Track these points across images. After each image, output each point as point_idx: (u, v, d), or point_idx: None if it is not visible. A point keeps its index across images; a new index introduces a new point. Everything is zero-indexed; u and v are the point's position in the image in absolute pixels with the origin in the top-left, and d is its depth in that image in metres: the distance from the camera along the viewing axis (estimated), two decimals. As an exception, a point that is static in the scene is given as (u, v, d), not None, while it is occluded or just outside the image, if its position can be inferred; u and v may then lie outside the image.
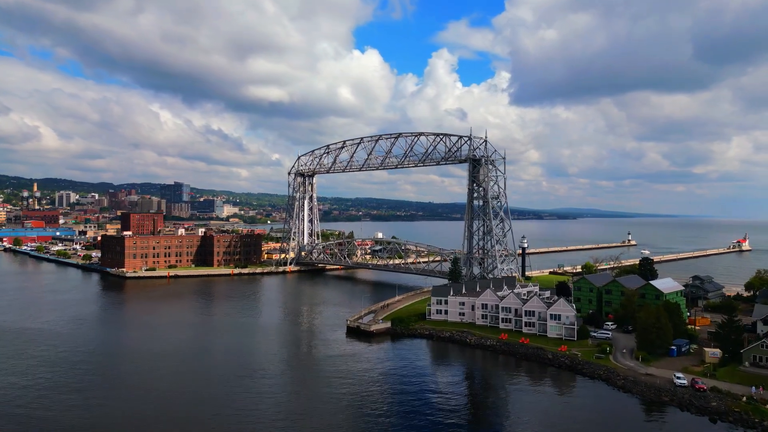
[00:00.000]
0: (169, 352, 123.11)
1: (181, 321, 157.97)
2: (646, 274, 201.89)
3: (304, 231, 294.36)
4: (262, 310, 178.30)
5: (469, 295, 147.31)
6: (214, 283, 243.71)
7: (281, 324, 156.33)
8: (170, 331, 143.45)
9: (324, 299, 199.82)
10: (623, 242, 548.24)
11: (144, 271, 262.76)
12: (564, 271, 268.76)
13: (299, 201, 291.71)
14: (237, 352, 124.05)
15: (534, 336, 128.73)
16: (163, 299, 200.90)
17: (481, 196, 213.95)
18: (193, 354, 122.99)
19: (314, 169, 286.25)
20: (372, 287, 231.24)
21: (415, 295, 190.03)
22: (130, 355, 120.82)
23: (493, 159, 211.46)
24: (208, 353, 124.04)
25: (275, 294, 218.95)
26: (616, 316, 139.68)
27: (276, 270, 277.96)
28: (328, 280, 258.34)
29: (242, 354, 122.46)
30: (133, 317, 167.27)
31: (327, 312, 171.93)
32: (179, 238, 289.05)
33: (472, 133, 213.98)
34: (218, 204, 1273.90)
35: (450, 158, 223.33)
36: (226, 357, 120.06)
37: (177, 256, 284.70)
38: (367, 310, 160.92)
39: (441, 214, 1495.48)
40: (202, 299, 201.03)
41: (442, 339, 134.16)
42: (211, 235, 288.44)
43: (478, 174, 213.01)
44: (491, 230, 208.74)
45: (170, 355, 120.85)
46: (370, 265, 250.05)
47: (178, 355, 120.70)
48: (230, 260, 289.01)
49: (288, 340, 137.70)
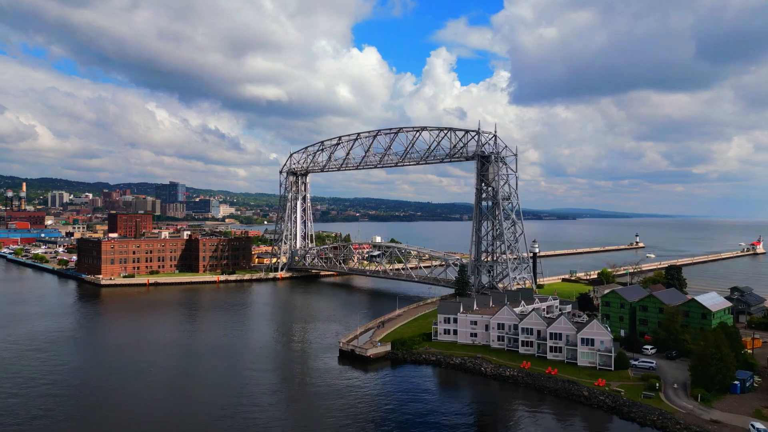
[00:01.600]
0: (135, 385, 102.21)
1: (154, 341, 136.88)
2: (675, 284, 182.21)
3: (297, 234, 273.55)
4: (247, 327, 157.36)
5: (482, 312, 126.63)
6: (197, 292, 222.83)
7: (266, 346, 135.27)
8: (139, 355, 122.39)
9: (316, 312, 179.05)
10: (631, 244, 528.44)
11: (122, 277, 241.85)
12: (577, 278, 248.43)
13: (291, 202, 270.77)
14: (216, 385, 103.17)
15: (561, 364, 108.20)
16: (138, 312, 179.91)
17: (490, 197, 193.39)
18: (166, 386, 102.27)
19: (308, 167, 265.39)
20: (369, 297, 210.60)
21: (418, 308, 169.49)
22: (87, 388, 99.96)
23: (503, 156, 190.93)
24: (182, 388, 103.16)
25: (263, 306, 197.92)
26: (655, 338, 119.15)
27: (266, 276, 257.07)
28: (322, 288, 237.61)
29: (222, 388, 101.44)
30: (98, 337, 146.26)
31: (319, 329, 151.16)
32: (162, 242, 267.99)
33: (480, 127, 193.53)
34: (214, 204, 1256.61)
35: (455, 155, 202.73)
36: (203, 391, 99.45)
37: (160, 261, 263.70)
38: (364, 328, 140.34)
39: (440, 215, 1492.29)
40: (182, 312, 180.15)
41: (451, 366, 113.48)
42: (197, 239, 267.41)
43: (487, 172, 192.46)
44: (502, 234, 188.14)
45: (137, 389, 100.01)
46: (367, 272, 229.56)
47: (148, 390, 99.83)
48: (217, 265, 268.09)
49: (274, 367, 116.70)
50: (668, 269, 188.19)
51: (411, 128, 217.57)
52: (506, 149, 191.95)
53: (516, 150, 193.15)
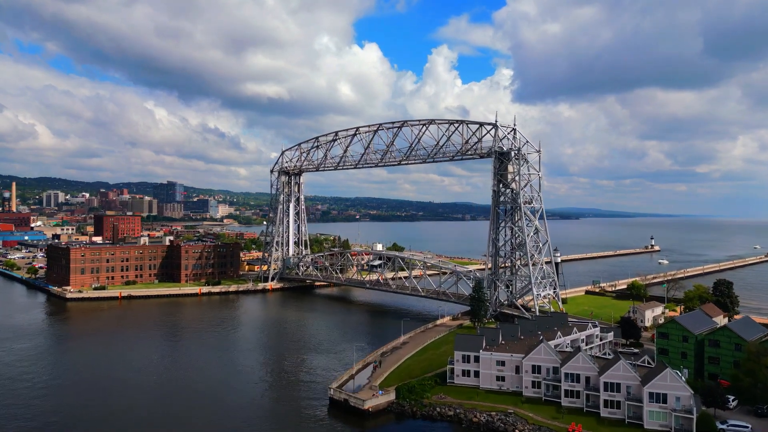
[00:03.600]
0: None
1: (108, 379, 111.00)
2: (726, 302, 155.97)
3: (290, 239, 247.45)
4: (223, 360, 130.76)
5: (511, 349, 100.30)
6: (175, 307, 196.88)
7: (242, 391, 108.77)
8: (88, 399, 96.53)
9: (307, 337, 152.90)
10: (646, 247, 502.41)
11: (92, 289, 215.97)
12: (602, 289, 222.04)
13: (284, 204, 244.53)
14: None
15: (621, 425, 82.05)
16: (101, 336, 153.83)
17: (509, 200, 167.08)
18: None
19: (301, 165, 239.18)
20: (369, 316, 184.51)
21: (426, 332, 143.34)
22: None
23: (524, 152, 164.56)
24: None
25: (246, 327, 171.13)
26: (735, 385, 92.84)
27: (254, 288, 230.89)
28: (317, 302, 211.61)
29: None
30: (46, 369, 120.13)
31: (308, 363, 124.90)
32: (140, 249, 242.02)
33: (498, 120, 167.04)
34: (212, 204, 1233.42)
35: (468, 152, 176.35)
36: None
37: (137, 270, 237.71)
38: (361, 363, 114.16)
39: (442, 214, 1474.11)
40: (150, 336, 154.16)
41: (475, 426, 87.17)
42: (178, 245, 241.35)
43: (506, 171, 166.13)
44: (523, 243, 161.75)
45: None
46: (367, 285, 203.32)
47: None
48: (201, 274, 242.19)
49: (245, 425, 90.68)
50: (716, 285, 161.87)
51: (416, 122, 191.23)
52: (528, 145, 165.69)
53: (539, 146, 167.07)
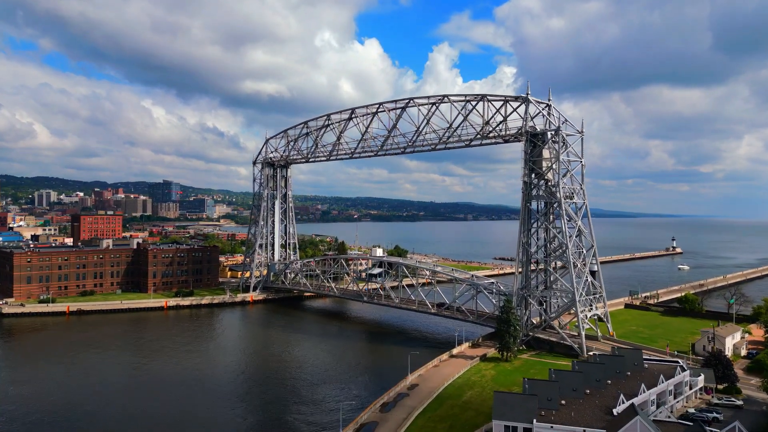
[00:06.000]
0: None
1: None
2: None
3: (276, 242, 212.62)
4: (180, 407, 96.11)
5: (581, 418, 65.10)
6: (133, 324, 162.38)
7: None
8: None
9: (286, 376, 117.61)
10: (667, 249, 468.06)
11: (37, 302, 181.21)
12: (644, 301, 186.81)
13: (267, 201, 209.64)
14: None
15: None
16: (30, 366, 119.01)
17: (544, 194, 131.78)
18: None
19: (288, 156, 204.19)
20: (367, 340, 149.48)
21: (441, 366, 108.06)
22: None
23: (564, 134, 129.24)
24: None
25: (219, 353, 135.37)
26: None
27: (232, 299, 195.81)
28: (305, 319, 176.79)
29: None
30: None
31: (283, 420, 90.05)
32: (100, 253, 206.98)
33: (530, 92, 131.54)
34: (209, 204, 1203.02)
35: (491, 134, 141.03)
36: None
37: (96, 279, 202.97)
38: (366, 414, 79.11)
39: (443, 214, 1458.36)
40: (92, 366, 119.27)
41: None
42: (145, 249, 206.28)
43: (540, 158, 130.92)
44: (564, 249, 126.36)
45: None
46: (365, 298, 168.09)
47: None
48: (173, 283, 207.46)
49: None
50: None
51: (424, 99, 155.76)
52: (567, 124, 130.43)
53: (582, 126, 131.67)
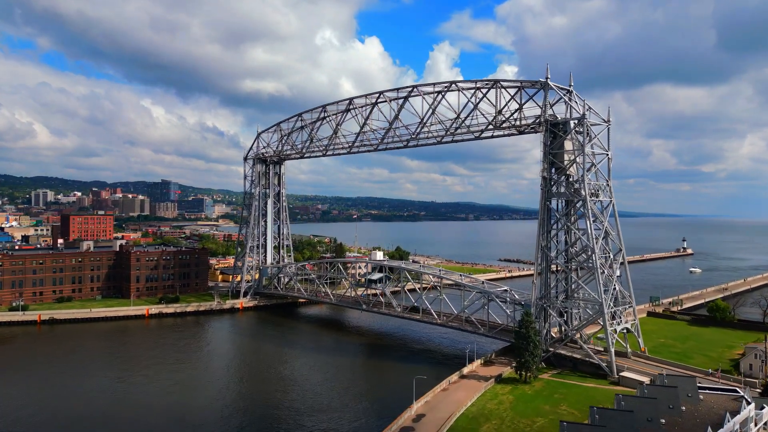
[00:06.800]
0: None
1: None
2: None
3: (268, 244, 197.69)
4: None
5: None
6: (108, 336, 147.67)
7: None
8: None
9: (281, 393, 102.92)
10: (678, 250, 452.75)
11: (7, 310, 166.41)
12: (668, 309, 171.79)
13: (259, 200, 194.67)
14: None
15: None
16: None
17: (567, 192, 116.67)
18: None
19: (281, 151, 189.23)
20: (366, 355, 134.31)
21: (451, 390, 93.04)
22: None
23: (588, 123, 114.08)
24: None
25: (202, 370, 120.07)
26: None
27: (220, 307, 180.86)
28: (298, 329, 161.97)
29: None
30: None
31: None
32: (79, 256, 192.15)
33: (549, 76, 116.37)
34: (208, 203, 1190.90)
35: (504, 124, 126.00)
36: None
37: (75, 284, 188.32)
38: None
39: (444, 214, 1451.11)
40: (57, 387, 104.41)
41: None
42: (128, 252, 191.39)
43: (561, 150, 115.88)
44: (590, 254, 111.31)
45: None
46: (363, 306, 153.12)
47: None
48: (158, 288, 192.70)
49: None
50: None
51: (430, 86, 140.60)
52: (591, 112, 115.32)
53: (608, 115, 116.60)
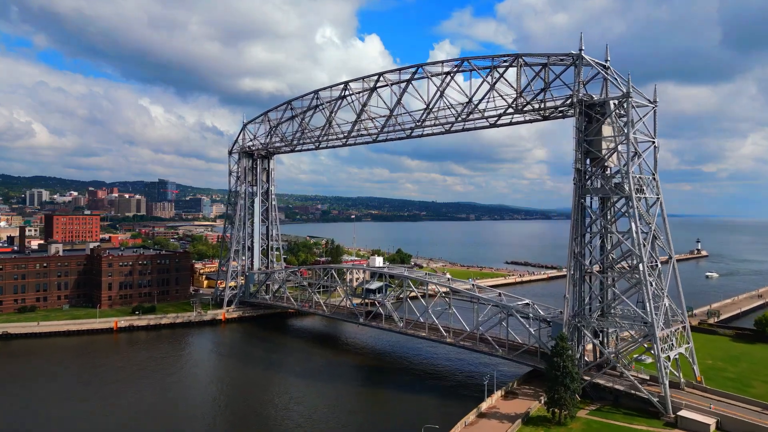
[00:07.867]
0: None
1: None
2: None
3: (255, 247, 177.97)
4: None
5: None
6: (67, 354, 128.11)
7: None
8: None
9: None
10: (691, 252, 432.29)
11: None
12: (704, 322, 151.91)
13: (245, 199, 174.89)
14: None
15: None
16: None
17: (606, 187, 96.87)
18: None
19: (269, 144, 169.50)
20: (366, 381, 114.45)
21: (478, 428, 73.56)
22: None
23: (633, 103, 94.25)
24: None
25: (166, 402, 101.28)
26: None
27: (201, 318, 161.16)
28: (288, 346, 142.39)
29: None
30: None
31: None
32: (44, 261, 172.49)
33: (583, 47, 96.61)
34: (206, 203, 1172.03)
35: (525, 107, 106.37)
36: None
37: (40, 292, 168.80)
38: None
39: (445, 214, 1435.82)
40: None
41: None
42: (99, 256, 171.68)
43: (598, 137, 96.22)
44: (638, 262, 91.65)
45: None
46: (360, 320, 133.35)
47: None
48: (133, 296, 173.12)
49: None
50: None
51: (437, 65, 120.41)
52: (634, 92, 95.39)
53: (654, 94, 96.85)
